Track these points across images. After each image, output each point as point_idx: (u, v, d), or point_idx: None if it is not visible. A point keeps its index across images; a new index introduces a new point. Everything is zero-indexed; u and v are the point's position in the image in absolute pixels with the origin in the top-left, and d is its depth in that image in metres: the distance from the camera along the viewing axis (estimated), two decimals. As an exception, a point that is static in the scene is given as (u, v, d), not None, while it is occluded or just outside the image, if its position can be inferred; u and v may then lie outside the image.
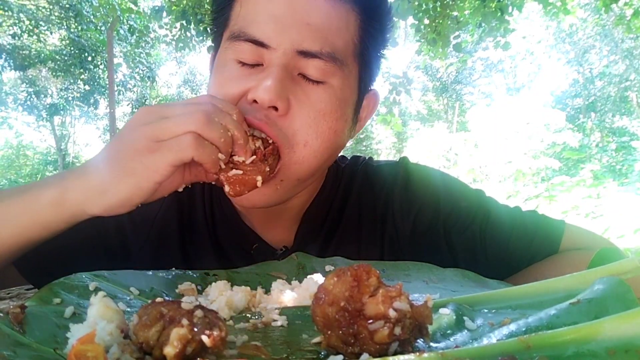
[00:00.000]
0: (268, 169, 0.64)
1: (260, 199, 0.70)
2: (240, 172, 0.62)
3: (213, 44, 0.79)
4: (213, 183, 0.86)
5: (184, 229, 0.81)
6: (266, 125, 0.65)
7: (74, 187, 0.59)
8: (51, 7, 10.97)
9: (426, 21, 5.01)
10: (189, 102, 0.61)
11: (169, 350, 0.33)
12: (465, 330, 0.40)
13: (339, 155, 0.88)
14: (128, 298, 0.51)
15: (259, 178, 0.63)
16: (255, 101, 0.65)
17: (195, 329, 0.34)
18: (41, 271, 0.72)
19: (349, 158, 0.93)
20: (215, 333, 0.35)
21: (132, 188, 0.57)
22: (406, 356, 0.30)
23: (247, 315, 0.50)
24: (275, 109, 0.65)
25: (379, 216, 0.84)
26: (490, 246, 0.77)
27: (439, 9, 4.88)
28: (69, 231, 0.62)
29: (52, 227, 0.61)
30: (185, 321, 0.34)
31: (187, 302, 0.37)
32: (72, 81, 14.18)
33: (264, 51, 0.66)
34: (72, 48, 11.99)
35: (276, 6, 0.65)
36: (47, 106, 14.71)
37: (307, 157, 0.69)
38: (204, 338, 0.34)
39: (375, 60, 0.77)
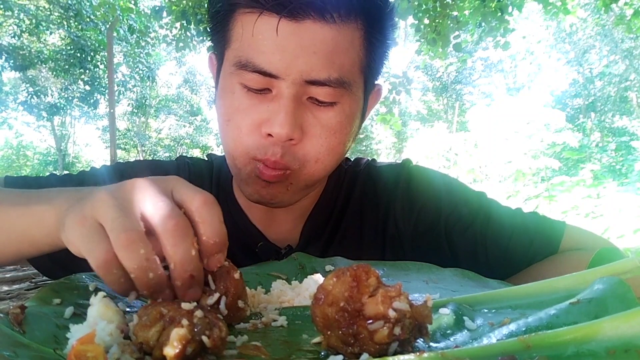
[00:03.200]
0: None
1: (272, 195, 0.72)
2: None
3: (214, 52, 0.79)
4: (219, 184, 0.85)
5: None
6: (280, 159, 0.68)
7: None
8: (51, 7, 10.97)
9: (426, 21, 5.00)
10: (159, 202, 0.43)
11: (169, 350, 0.33)
12: (465, 330, 0.40)
13: None
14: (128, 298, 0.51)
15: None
16: (269, 134, 0.66)
17: (196, 330, 0.35)
18: (53, 263, 0.73)
19: (351, 159, 0.94)
20: (215, 333, 0.35)
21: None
22: (406, 356, 0.30)
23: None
24: (291, 139, 0.67)
25: (381, 216, 0.85)
26: (490, 246, 0.77)
27: (438, 9, 4.87)
28: None
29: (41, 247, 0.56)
30: (185, 321, 0.35)
31: (187, 302, 0.37)
32: (72, 81, 14.18)
33: (273, 80, 0.66)
34: (72, 48, 11.98)
35: (282, 36, 0.64)
36: (47, 106, 14.71)
37: (317, 171, 0.72)
38: (204, 338, 0.34)
39: (380, 64, 0.77)
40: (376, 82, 0.81)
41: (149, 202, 0.43)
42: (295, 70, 0.64)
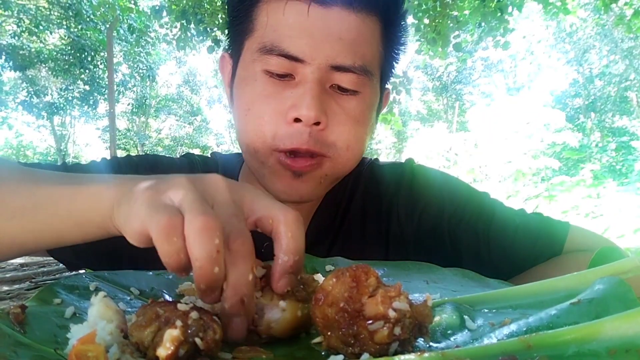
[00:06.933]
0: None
1: (302, 192, 0.71)
2: None
3: (227, 50, 0.79)
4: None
5: None
6: (312, 147, 0.67)
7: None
8: (51, 6, 10.96)
9: (426, 21, 5.01)
10: (234, 218, 0.40)
11: (161, 351, 0.33)
12: (466, 330, 0.40)
13: None
14: (128, 298, 0.51)
15: None
16: (296, 120, 0.66)
17: (189, 331, 0.34)
18: (76, 258, 0.73)
19: None
20: (209, 335, 0.35)
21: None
22: (406, 356, 0.30)
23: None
24: (317, 124, 0.67)
25: (384, 215, 0.85)
26: (494, 247, 0.77)
27: (438, 9, 4.88)
28: None
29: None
30: (179, 322, 0.34)
31: (184, 303, 0.37)
32: (72, 81, 14.18)
33: (297, 65, 0.66)
34: (72, 48, 11.98)
35: (310, 21, 0.65)
36: (47, 106, 14.70)
37: (350, 159, 0.73)
38: (197, 340, 0.34)
39: (392, 63, 0.79)
40: (386, 86, 0.82)
41: (227, 210, 0.40)
42: (322, 54, 0.65)
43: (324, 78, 0.67)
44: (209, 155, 0.94)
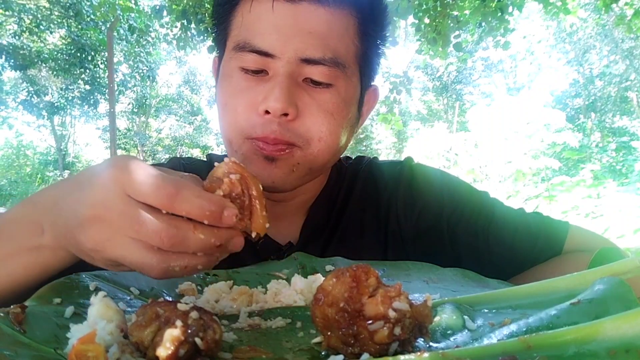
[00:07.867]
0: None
1: (274, 177, 0.71)
2: None
3: (217, 52, 0.81)
4: None
5: None
6: (280, 136, 0.68)
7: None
8: (51, 6, 10.97)
9: (426, 20, 5.00)
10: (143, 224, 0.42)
11: (161, 351, 0.33)
12: (466, 330, 0.40)
13: (344, 155, 0.91)
14: (128, 298, 0.51)
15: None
16: (266, 112, 0.68)
17: (189, 331, 0.34)
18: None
19: (353, 158, 0.94)
20: (209, 335, 0.35)
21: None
22: (406, 356, 0.30)
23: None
24: (286, 115, 0.68)
25: (383, 213, 0.85)
26: (493, 246, 0.77)
27: (439, 9, 4.87)
28: None
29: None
30: (179, 322, 0.34)
31: (184, 303, 0.37)
32: (72, 80, 14.19)
33: (269, 60, 0.68)
34: (72, 47, 11.99)
35: (278, 17, 0.67)
36: (47, 105, 14.71)
37: (322, 150, 0.73)
38: (197, 340, 0.34)
39: (375, 59, 0.79)
40: (373, 83, 0.82)
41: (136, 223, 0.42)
42: (291, 48, 0.67)
43: (295, 72, 0.68)
44: (205, 158, 0.94)
